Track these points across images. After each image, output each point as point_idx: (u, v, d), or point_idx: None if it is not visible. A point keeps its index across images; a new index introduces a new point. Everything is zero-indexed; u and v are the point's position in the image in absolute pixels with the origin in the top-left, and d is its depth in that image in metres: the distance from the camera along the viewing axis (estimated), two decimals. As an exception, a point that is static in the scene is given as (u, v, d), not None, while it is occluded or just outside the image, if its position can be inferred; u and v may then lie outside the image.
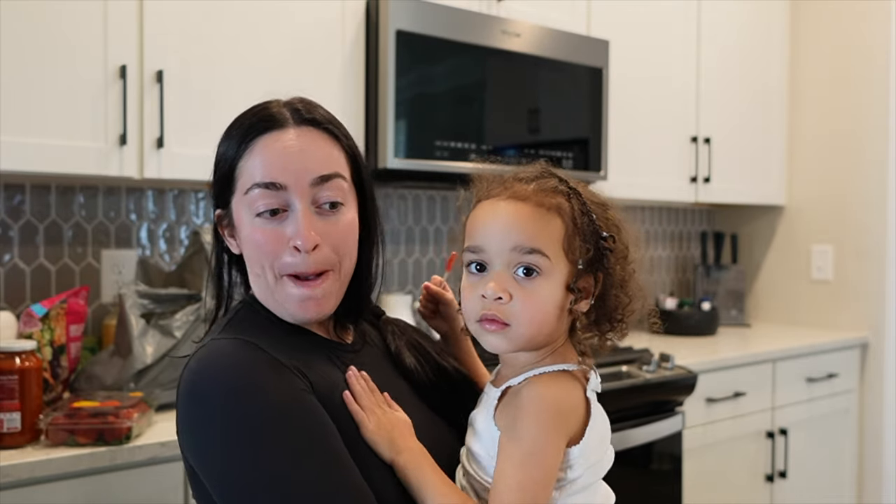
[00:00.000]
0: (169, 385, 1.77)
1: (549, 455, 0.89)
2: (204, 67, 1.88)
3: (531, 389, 0.92)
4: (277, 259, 0.97)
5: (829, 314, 3.25)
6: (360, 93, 2.12)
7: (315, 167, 0.97)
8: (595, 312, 0.96)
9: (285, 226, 0.96)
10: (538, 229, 0.92)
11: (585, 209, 0.94)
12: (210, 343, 0.94)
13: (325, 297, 0.99)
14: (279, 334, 0.99)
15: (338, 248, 0.99)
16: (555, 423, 0.90)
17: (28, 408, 1.49)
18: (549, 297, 0.92)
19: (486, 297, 0.92)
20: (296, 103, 1.02)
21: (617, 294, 0.96)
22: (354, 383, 0.99)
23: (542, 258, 0.91)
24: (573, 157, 2.49)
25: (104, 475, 1.49)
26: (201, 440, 0.89)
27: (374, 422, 0.97)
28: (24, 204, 1.98)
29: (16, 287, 1.96)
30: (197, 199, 2.23)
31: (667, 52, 2.91)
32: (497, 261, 0.93)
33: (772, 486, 2.82)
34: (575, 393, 0.94)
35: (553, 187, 0.95)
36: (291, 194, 0.96)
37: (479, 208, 0.97)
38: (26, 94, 1.66)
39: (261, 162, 0.97)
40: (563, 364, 0.95)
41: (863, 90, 3.14)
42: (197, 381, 0.90)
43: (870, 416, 3.13)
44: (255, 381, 0.88)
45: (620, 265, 0.95)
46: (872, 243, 3.12)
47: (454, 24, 2.21)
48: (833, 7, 3.24)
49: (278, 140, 0.98)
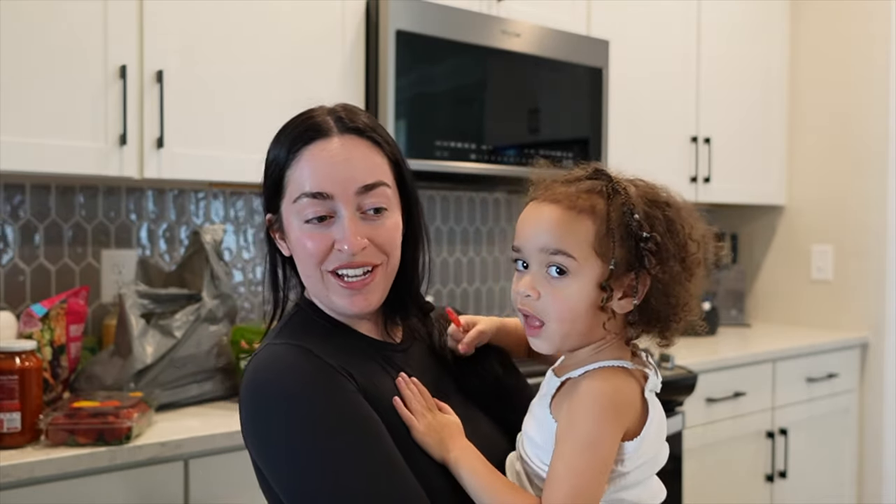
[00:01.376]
0: (169, 385, 1.77)
1: (605, 445, 0.92)
2: (204, 67, 1.88)
3: (588, 382, 0.95)
4: (325, 261, 1.03)
5: (829, 314, 3.25)
6: (360, 93, 2.12)
7: (360, 176, 1.02)
8: (640, 313, 0.97)
9: (333, 231, 1.01)
10: (564, 232, 0.95)
11: (626, 209, 0.95)
12: (267, 348, 1.01)
13: (370, 292, 1.04)
14: (331, 337, 1.04)
15: (383, 248, 1.04)
16: (610, 415, 0.92)
17: (28, 408, 1.49)
18: (576, 295, 0.95)
19: (518, 293, 0.98)
20: (339, 111, 1.06)
21: (662, 296, 0.96)
22: (404, 388, 1.04)
23: (568, 259, 0.94)
24: (573, 157, 2.49)
25: (104, 475, 1.49)
26: (262, 440, 0.97)
27: (424, 424, 1.01)
28: (24, 204, 1.98)
29: (16, 287, 1.96)
30: (197, 199, 2.23)
31: (667, 52, 2.91)
32: (532, 260, 0.98)
33: (772, 486, 2.82)
34: (630, 388, 0.96)
35: (589, 188, 0.97)
36: (338, 203, 1.01)
37: (524, 210, 1.02)
38: (26, 94, 1.66)
39: (308, 172, 1.01)
40: (621, 360, 0.98)
41: (863, 90, 3.14)
42: (256, 383, 0.97)
43: (870, 416, 3.13)
44: (309, 384, 0.95)
45: (665, 267, 0.95)
46: (872, 243, 3.12)
47: (454, 24, 2.20)
48: (833, 7, 3.24)
49: (324, 150, 1.02)
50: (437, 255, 2.73)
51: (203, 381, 1.83)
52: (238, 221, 2.30)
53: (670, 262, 0.95)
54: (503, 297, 2.89)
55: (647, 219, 0.95)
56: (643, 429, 0.95)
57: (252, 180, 1.95)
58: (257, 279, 2.34)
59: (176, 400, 1.78)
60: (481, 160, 2.27)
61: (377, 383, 1.02)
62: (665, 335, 1.00)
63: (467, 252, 2.80)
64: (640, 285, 0.95)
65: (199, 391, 1.82)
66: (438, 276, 2.72)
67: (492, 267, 2.87)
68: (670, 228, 0.96)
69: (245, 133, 1.94)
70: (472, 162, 2.25)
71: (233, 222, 2.29)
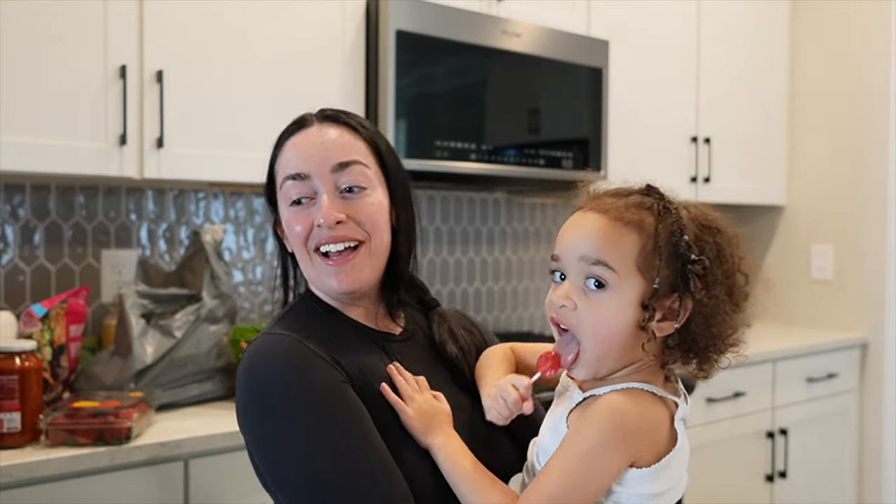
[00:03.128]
0: (169, 385, 1.77)
1: (601, 463, 0.89)
2: (204, 67, 1.88)
3: (609, 397, 0.92)
4: (308, 239, 1.07)
5: (829, 314, 3.25)
6: (360, 93, 2.12)
7: (334, 155, 1.07)
8: (679, 337, 0.93)
9: (313, 211, 1.07)
10: (608, 242, 0.91)
11: (675, 229, 0.91)
12: (260, 336, 1.06)
13: (355, 269, 1.07)
14: (326, 327, 1.08)
15: (363, 224, 1.07)
16: (617, 437, 0.89)
17: (28, 408, 1.49)
18: (614, 311, 0.91)
19: (553, 302, 0.95)
20: (323, 109, 1.14)
21: (706, 323, 0.92)
22: (395, 374, 1.06)
23: (608, 271, 0.91)
24: (573, 157, 2.49)
25: (104, 475, 1.49)
26: (246, 423, 1.03)
27: (413, 409, 1.02)
28: (24, 204, 1.98)
29: (16, 287, 1.96)
30: (197, 199, 2.23)
31: (667, 52, 2.91)
32: (570, 270, 0.94)
33: (772, 486, 2.82)
34: (653, 414, 0.92)
35: (639, 203, 0.94)
36: (315, 181, 1.07)
37: (568, 219, 0.99)
38: (26, 94, 1.66)
39: (288, 157, 1.09)
40: (650, 385, 0.93)
41: (863, 90, 3.14)
42: (245, 370, 1.03)
43: (870, 416, 3.13)
44: (290, 371, 0.99)
45: (710, 293, 0.91)
46: (872, 243, 3.12)
47: (454, 24, 2.20)
48: (834, 7, 3.24)
49: (302, 137, 1.10)
50: (437, 255, 2.73)
51: (203, 381, 1.83)
52: (238, 221, 2.30)
53: (716, 289, 0.91)
54: (503, 297, 2.89)
55: (697, 241, 0.92)
56: (665, 457, 0.91)
57: (251, 180, 1.96)
58: (257, 279, 2.34)
59: (176, 400, 1.78)
60: (481, 160, 2.27)
61: (369, 371, 1.05)
62: (703, 366, 0.96)
63: (467, 252, 2.80)
64: (682, 309, 0.91)
65: (199, 391, 1.82)
66: (438, 276, 2.72)
67: (492, 267, 2.87)
68: (720, 255, 0.93)
69: (245, 133, 1.94)
70: (472, 162, 2.25)
71: (233, 222, 2.29)
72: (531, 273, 2.96)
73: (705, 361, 0.96)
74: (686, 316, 0.92)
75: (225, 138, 1.92)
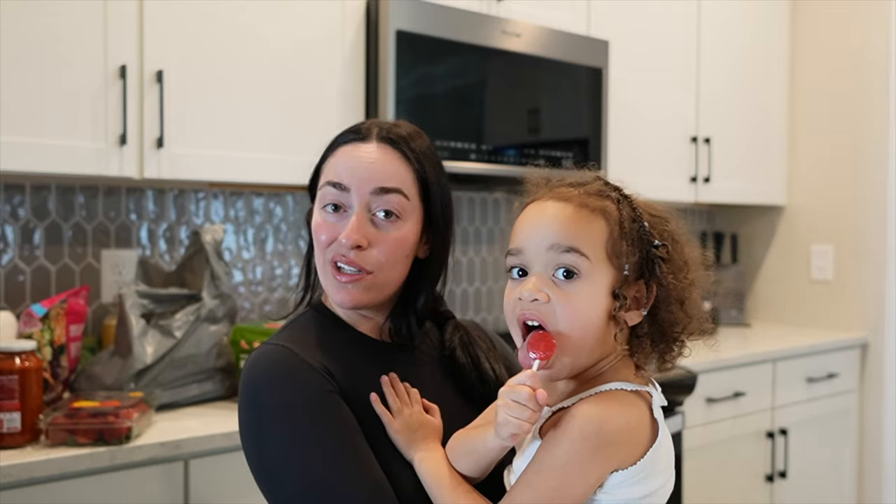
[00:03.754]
0: (169, 385, 1.77)
1: (575, 475, 0.85)
2: (204, 67, 1.88)
3: (582, 407, 0.87)
4: (329, 246, 1.08)
5: (829, 314, 3.25)
6: (360, 93, 2.12)
7: (379, 179, 1.06)
8: (648, 326, 0.91)
9: (342, 224, 1.07)
10: (578, 229, 0.89)
11: (636, 215, 0.91)
12: (260, 347, 1.08)
13: (357, 290, 1.07)
14: (326, 337, 1.09)
15: (379, 257, 1.06)
16: (590, 446, 0.84)
17: (28, 408, 1.49)
18: (589, 301, 0.88)
19: (522, 298, 0.90)
20: (385, 123, 1.13)
21: (671, 309, 0.91)
22: (386, 385, 1.06)
23: (581, 258, 0.88)
24: (573, 157, 2.49)
25: (104, 475, 1.49)
26: (241, 431, 1.05)
27: (400, 421, 1.02)
28: (24, 204, 1.98)
29: (16, 287, 1.96)
30: (197, 199, 2.23)
31: (667, 52, 2.91)
32: (536, 262, 0.90)
33: (772, 486, 2.82)
34: (634, 413, 0.88)
35: (599, 190, 0.93)
36: (353, 197, 1.06)
37: (524, 211, 0.96)
38: (26, 94, 1.66)
39: (337, 164, 1.09)
40: (621, 382, 0.90)
41: (863, 90, 3.14)
42: (244, 378, 1.05)
43: (870, 416, 3.13)
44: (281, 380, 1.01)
45: (675, 277, 0.91)
46: (872, 243, 3.12)
47: (454, 24, 2.20)
48: (833, 7, 3.24)
49: (356, 149, 1.09)
50: (437, 255, 2.73)
51: (203, 381, 1.83)
52: (238, 221, 2.30)
53: (679, 273, 0.91)
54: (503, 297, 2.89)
55: (653, 227, 0.92)
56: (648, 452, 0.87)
57: (251, 180, 1.96)
58: (257, 279, 2.34)
59: (176, 400, 1.78)
60: (481, 160, 2.27)
61: (362, 380, 1.05)
62: (666, 356, 0.94)
63: (467, 252, 2.80)
64: (649, 295, 0.91)
65: (199, 391, 1.82)
66: (438, 276, 2.72)
67: (492, 267, 2.87)
68: (675, 241, 0.93)
69: (245, 133, 1.94)
70: (472, 162, 2.25)
71: (233, 222, 2.29)
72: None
73: (669, 351, 0.94)
74: (651, 303, 0.91)
75: (225, 138, 1.92)
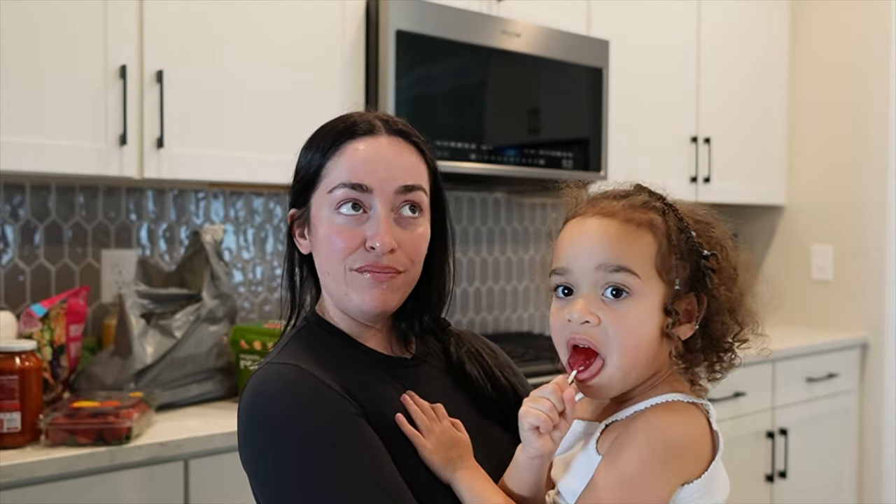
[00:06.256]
0: (169, 385, 1.77)
1: (645, 491, 0.82)
2: (204, 67, 1.88)
3: (646, 419, 0.85)
4: (350, 257, 0.99)
5: (829, 314, 3.24)
6: (360, 93, 2.12)
7: (401, 176, 1.00)
8: (700, 339, 0.88)
9: (364, 228, 0.99)
10: (626, 246, 0.86)
11: (683, 226, 0.88)
12: (266, 367, 0.99)
13: (390, 290, 1.00)
14: (335, 354, 1.01)
15: (410, 255, 1.01)
16: (665, 460, 0.82)
17: (28, 408, 1.49)
18: (642, 319, 0.85)
19: (571, 321, 0.87)
20: (381, 115, 1.06)
21: (724, 319, 0.88)
22: (411, 404, 0.99)
23: (631, 276, 0.85)
24: (573, 157, 2.49)
25: (104, 475, 1.49)
26: (254, 459, 0.95)
27: (432, 442, 0.96)
28: (24, 204, 1.98)
29: (16, 287, 1.96)
30: (197, 199, 2.23)
31: (667, 52, 2.90)
32: (583, 282, 0.87)
33: (772, 486, 2.82)
34: (697, 425, 0.86)
35: (644, 202, 0.89)
36: (375, 198, 0.99)
37: (566, 228, 0.92)
38: (26, 94, 1.66)
39: (351, 163, 1.00)
40: (678, 394, 0.88)
41: (863, 90, 3.14)
42: (253, 404, 0.96)
43: (870, 416, 3.13)
44: (303, 407, 0.92)
45: (726, 287, 0.88)
46: (872, 243, 3.12)
47: (454, 24, 2.20)
48: (833, 7, 3.24)
49: (371, 145, 1.01)
50: (437, 255, 2.73)
51: (203, 381, 1.83)
52: (238, 221, 2.30)
53: (730, 282, 0.88)
54: (503, 297, 2.89)
55: (700, 236, 0.89)
56: (712, 464, 0.86)
57: (251, 180, 1.96)
58: (257, 279, 2.34)
59: (176, 400, 1.78)
60: (481, 160, 2.27)
61: (383, 401, 0.98)
62: (715, 367, 0.91)
63: (467, 252, 2.80)
64: (700, 308, 0.88)
65: (199, 391, 1.82)
66: (438, 276, 2.72)
67: (492, 267, 2.87)
68: (723, 248, 0.90)
69: (245, 133, 1.94)
70: (472, 162, 2.25)
71: (233, 222, 2.29)
72: (531, 273, 2.96)
73: (720, 361, 0.91)
74: (703, 314, 0.88)
75: (225, 138, 1.91)
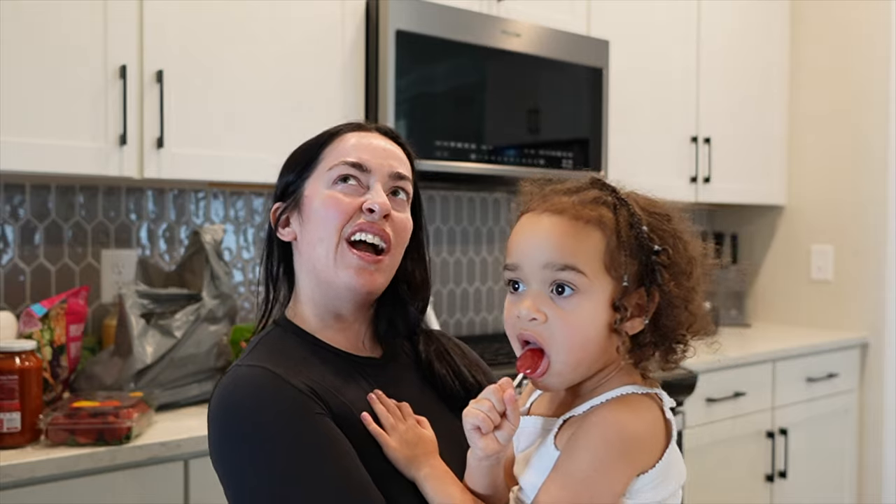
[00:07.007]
0: (169, 385, 1.77)
1: (600, 486, 0.83)
2: (204, 67, 1.88)
3: (600, 415, 0.86)
4: (347, 224, 1.04)
5: (829, 314, 3.24)
6: (360, 93, 2.12)
7: (395, 164, 1.10)
8: (650, 333, 0.89)
9: (362, 198, 1.06)
10: (573, 244, 0.86)
11: (634, 221, 0.88)
12: (233, 369, 1.01)
13: (378, 271, 1.05)
14: (303, 356, 1.03)
15: (398, 233, 1.08)
16: (620, 454, 0.83)
17: (28, 408, 1.49)
18: (589, 316, 0.86)
19: (520, 317, 0.88)
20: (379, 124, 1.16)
21: (675, 313, 0.88)
22: (376, 403, 1.01)
23: (577, 275, 0.85)
24: (573, 157, 2.49)
25: (104, 475, 1.49)
26: (223, 462, 0.98)
27: (396, 439, 0.98)
28: (24, 204, 1.98)
29: (16, 287, 1.96)
30: (197, 199, 2.23)
31: (667, 52, 2.90)
32: (532, 279, 0.88)
33: (772, 486, 2.82)
34: (651, 417, 0.87)
35: (595, 198, 0.89)
36: (373, 177, 1.07)
37: (518, 223, 0.94)
38: (26, 94, 1.66)
39: (351, 146, 1.09)
40: (631, 386, 0.89)
41: (863, 90, 3.14)
42: (221, 405, 0.98)
43: (870, 416, 3.13)
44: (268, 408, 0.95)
45: (677, 282, 0.87)
46: (872, 243, 3.12)
47: (454, 24, 2.20)
48: (834, 7, 3.24)
49: (368, 137, 1.11)
50: (437, 255, 2.73)
51: (203, 381, 1.83)
52: (238, 221, 2.30)
53: (681, 276, 0.88)
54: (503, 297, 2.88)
55: (654, 231, 0.88)
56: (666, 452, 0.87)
57: (251, 180, 1.96)
58: (257, 279, 2.33)
59: (176, 400, 1.78)
60: (481, 160, 2.27)
61: (350, 400, 1.00)
62: (668, 357, 0.91)
63: (467, 252, 2.80)
64: (650, 303, 0.88)
65: (199, 391, 1.82)
66: (438, 277, 2.72)
67: (492, 267, 2.87)
68: (676, 241, 0.90)
69: (245, 133, 1.94)
70: (472, 162, 2.25)
71: (233, 222, 2.29)
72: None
73: (672, 352, 0.91)
74: (653, 309, 0.88)
75: (225, 138, 1.91)
